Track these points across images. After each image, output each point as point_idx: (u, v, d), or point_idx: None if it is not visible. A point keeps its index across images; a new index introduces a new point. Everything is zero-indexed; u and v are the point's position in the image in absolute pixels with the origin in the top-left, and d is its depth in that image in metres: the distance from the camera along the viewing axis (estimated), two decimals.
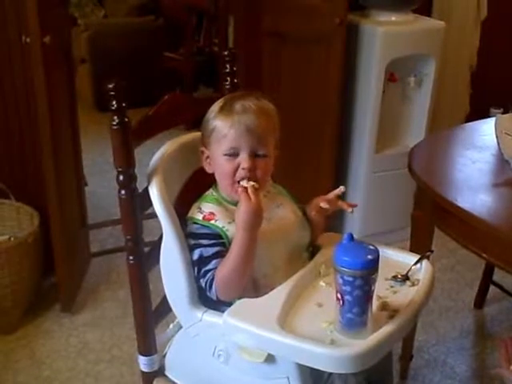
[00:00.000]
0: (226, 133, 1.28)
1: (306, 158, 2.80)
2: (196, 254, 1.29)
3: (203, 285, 1.29)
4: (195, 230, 1.30)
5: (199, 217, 1.31)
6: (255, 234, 1.24)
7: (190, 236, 1.31)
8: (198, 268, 1.29)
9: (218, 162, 1.32)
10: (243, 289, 1.27)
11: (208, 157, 1.35)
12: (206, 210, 1.32)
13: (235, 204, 1.29)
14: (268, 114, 1.32)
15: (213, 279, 1.27)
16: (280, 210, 1.38)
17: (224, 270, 1.25)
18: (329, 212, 1.40)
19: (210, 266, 1.27)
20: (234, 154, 1.29)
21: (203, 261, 1.28)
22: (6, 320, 2.32)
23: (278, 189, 1.43)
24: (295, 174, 2.48)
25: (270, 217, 1.33)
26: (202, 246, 1.28)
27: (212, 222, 1.30)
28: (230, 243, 1.27)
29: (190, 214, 1.34)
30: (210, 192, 1.37)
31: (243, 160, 1.28)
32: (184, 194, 1.40)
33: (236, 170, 1.29)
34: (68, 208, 2.47)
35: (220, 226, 1.29)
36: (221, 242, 1.28)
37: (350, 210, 1.38)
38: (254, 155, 1.29)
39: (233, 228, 1.27)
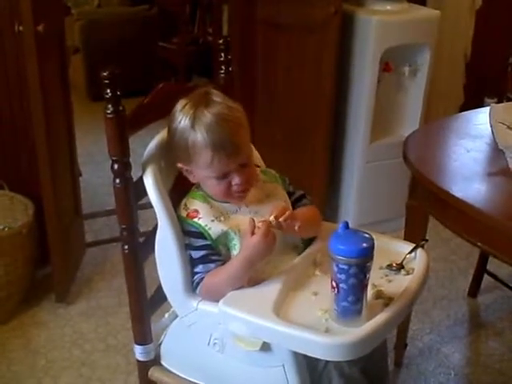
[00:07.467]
0: (211, 161, 1.25)
1: (301, 148, 2.78)
2: (188, 254, 1.31)
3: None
4: (185, 227, 1.31)
5: (184, 214, 1.32)
6: (256, 265, 1.25)
7: (183, 233, 1.32)
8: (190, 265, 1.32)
9: (206, 182, 1.32)
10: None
11: (188, 170, 1.33)
12: (191, 207, 1.32)
13: (221, 201, 1.32)
14: (242, 123, 1.29)
15: (199, 282, 1.29)
16: (270, 201, 1.36)
17: (214, 279, 1.27)
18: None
19: (196, 269, 1.30)
20: (224, 176, 1.28)
21: (192, 262, 1.30)
22: (0, 310, 2.32)
23: (269, 175, 1.42)
24: (290, 163, 2.47)
25: (258, 209, 1.33)
26: (192, 248, 1.30)
27: (195, 219, 1.30)
28: (213, 242, 1.28)
29: (177, 211, 1.34)
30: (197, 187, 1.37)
31: (235, 178, 1.28)
32: (179, 182, 1.39)
33: (229, 186, 1.29)
34: (62, 198, 2.46)
35: (203, 224, 1.29)
36: (207, 244, 1.29)
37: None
38: (241, 167, 1.29)
39: (216, 226, 1.29)
